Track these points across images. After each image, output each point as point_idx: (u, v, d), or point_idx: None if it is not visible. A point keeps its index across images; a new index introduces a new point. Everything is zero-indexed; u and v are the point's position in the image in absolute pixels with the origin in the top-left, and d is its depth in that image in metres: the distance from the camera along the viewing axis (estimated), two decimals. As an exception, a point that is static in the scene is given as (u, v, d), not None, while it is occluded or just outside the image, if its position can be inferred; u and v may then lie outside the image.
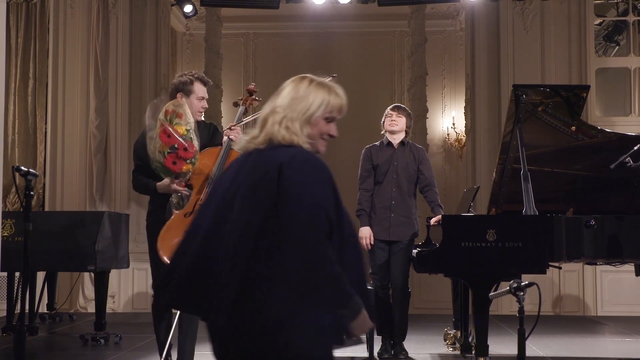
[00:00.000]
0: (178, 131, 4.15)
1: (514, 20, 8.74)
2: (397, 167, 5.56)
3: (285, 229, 2.21)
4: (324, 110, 2.46)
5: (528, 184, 4.72)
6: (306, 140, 2.40)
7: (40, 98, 8.94)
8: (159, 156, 4.16)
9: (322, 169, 2.37)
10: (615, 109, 9.51)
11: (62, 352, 5.96)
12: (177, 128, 4.16)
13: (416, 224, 5.58)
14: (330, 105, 2.49)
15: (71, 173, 8.82)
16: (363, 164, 5.71)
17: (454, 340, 5.75)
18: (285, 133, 2.37)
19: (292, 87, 2.48)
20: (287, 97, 2.44)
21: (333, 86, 2.56)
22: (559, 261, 4.69)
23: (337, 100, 2.53)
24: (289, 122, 2.38)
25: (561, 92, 4.98)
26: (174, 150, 4.13)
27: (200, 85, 4.54)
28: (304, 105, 2.42)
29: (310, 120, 2.43)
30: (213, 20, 9.33)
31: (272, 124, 2.39)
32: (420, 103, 8.99)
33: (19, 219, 6.13)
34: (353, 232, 2.39)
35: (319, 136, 2.48)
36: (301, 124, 2.40)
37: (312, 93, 2.47)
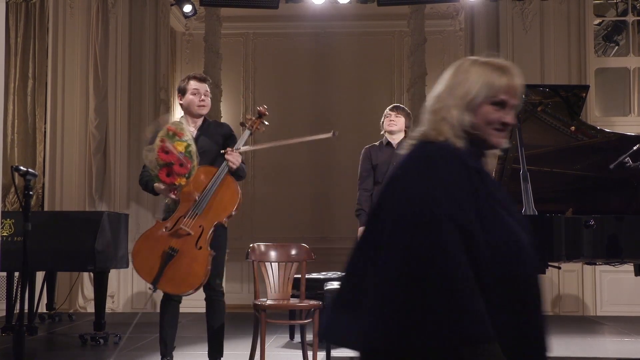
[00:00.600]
0: (177, 148, 4.22)
1: (514, 20, 8.74)
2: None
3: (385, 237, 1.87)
4: (487, 93, 2.00)
5: (527, 184, 4.72)
6: (470, 131, 2.00)
7: (39, 98, 8.94)
8: (154, 167, 4.26)
9: (443, 169, 1.92)
10: (615, 109, 9.50)
11: (62, 352, 5.96)
12: (177, 145, 4.23)
13: None
14: (494, 86, 2.00)
15: (70, 173, 8.82)
16: (362, 164, 5.72)
17: (454, 340, 5.75)
18: (432, 128, 2.02)
19: (452, 69, 2.11)
20: (446, 82, 2.08)
21: (500, 63, 2.06)
22: (558, 261, 4.68)
23: (503, 80, 2.01)
24: (446, 111, 2.01)
25: (560, 92, 4.98)
26: (169, 166, 4.21)
27: (194, 82, 4.62)
28: (463, 89, 2.02)
29: (472, 106, 2.00)
30: (212, 20, 9.33)
31: (428, 116, 2.05)
32: (420, 103, 8.97)
33: (19, 219, 6.13)
34: (515, 251, 1.97)
35: (487, 125, 2.01)
36: (461, 112, 2.00)
37: (473, 74, 2.04)
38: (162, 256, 4.29)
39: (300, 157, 10.24)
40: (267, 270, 4.99)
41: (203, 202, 4.37)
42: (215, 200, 4.39)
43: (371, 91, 10.20)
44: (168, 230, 4.36)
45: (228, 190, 4.42)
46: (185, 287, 4.32)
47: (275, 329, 6.90)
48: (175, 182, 4.26)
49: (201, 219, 4.35)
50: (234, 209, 4.42)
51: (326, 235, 9.95)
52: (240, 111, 10.42)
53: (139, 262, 4.37)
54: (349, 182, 9.84)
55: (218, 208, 4.39)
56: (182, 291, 4.36)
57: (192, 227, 4.32)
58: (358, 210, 5.64)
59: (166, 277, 4.27)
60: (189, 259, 4.29)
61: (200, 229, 4.33)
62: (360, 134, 9.66)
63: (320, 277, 6.41)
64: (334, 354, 5.56)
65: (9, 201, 8.67)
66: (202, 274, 4.29)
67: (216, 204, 4.39)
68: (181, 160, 4.21)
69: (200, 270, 4.29)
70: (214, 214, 4.38)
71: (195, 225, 4.34)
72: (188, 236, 4.31)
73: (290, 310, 5.72)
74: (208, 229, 4.34)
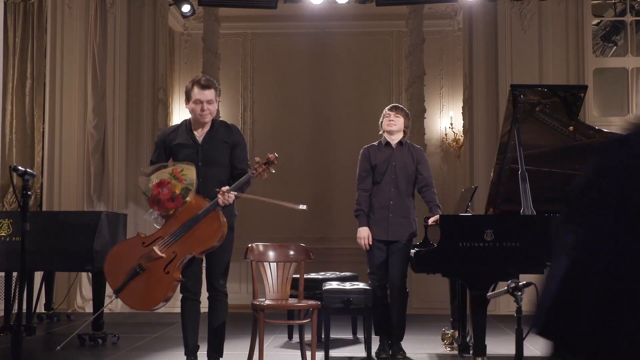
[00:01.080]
0: (172, 188, 4.31)
1: (512, 21, 8.74)
2: (395, 167, 5.55)
3: None
4: None
5: (526, 184, 4.72)
6: None
7: (37, 98, 8.94)
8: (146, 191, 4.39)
9: None
10: (613, 109, 9.52)
11: (60, 352, 5.96)
12: (174, 185, 4.32)
13: (414, 224, 5.58)
14: None
15: (69, 173, 8.82)
16: (361, 164, 5.69)
17: (452, 340, 5.76)
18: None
19: None
20: None
21: None
22: (556, 261, 4.68)
23: None
24: None
25: (559, 92, 4.98)
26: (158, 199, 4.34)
27: (197, 89, 4.56)
28: None
29: None
30: (211, 20, 9.33)
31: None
32: (418, 103, 9.00)
33: (17, 219, 6.12)
34: None
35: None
36: None
37: None
38: (130, 269, 4.38)
39: (299, 157, 10.24)
40: (266, 270, 4.99)
41: (183, 231, 4.40)
42: (196, 232, 4.40)
43: (369, 91, 10.21)
44: (144, 245, 4.42)
45: (211, 225, 4.40)
46: (143, 306, 4.44)
47: (274, 329, 6.90)
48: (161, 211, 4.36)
49: (177, 245, 4.38)
50: (211, 245, 4.41)
51: (325, 235, 9.95)
52: (238, 111, 10.42)
53: (109, 267, 4.46)
54: (348, 182, 9.84)
55: (196, 240, 4.40)
56: (138, 308, 4.47)
57: (165, 252, 4.37)
58: (357, 210, 5.62)
59: (128, 290, 4.37)
60: (153, 280, 4.35)
61: (173, 254, 4.38)
62: (359, 133, 9.67)
63: (319, 277, 6.41)
64: (332, 354, 5.56)
65: (7, 201, 8.66)
66: (160, 297, 4.36)
67: (195, 235, 4.40)
68: (173, 197, 4.29)
69: (159, 294, 4.35)
70: (190, 245, 4.39)
71: (169, 250, 4.38)
72: (158, 259, 4.37)
73: (289, 310, 5.72)
74: (180, 257, 4.38)
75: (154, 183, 4.33)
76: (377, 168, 5.59)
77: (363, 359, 5.55)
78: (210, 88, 4.59)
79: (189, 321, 4.60)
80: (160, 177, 4.34)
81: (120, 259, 4.42)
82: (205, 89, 4.56)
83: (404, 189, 5.54)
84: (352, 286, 5.63)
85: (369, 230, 5.50)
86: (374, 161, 5.60)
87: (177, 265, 4.36)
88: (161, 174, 4.36)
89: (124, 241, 4.55)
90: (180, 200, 4.31)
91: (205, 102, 4.55)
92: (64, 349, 5.68)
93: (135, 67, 8.95)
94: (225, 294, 4.67)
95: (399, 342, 5.56)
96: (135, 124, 8.82)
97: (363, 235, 5.49)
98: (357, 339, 6.48)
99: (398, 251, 5.46)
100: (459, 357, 5.52)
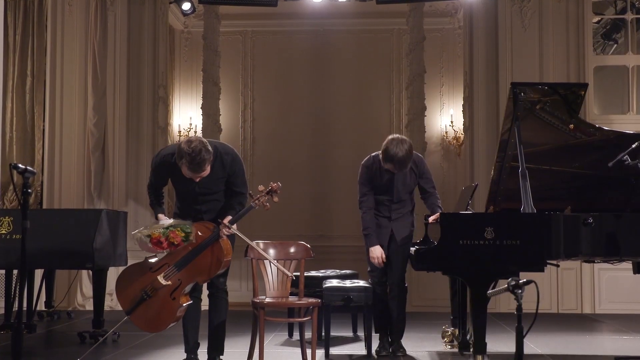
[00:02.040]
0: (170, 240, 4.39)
1: (512, 18, 8.74)
2: (397, 188, 5.47)
3: None
4: None
5: (526, 181, 4.72)
6: None
7: (38, 96, 8.94)
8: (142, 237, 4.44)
9: None
10: (613, 106, 9.51)
11: (60, 349, 5.96)
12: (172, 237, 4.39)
13: (414, 221, 5.59)
14: None
15: (69, 171, 8.82)
16: (363, 184, 5.47)
17: (452, 338, 5.76)
18: None
19: None
20: None
21: None
22: (557, 259, 4.69)
23: None
24: None
25: (559, 90, 4.98)
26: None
27: (188, 171, 4.40)
28: None
29: None
30: (211, 18, 9.32)
31: None
32: (419, 101, 8.99)
33: (17, 217, 6.12)
34: None
35: None
36: None
37: None
38: (138, 294, 4.45)
39: (299, 154, 10.24)
40: (266, 268, 4.99)
41: (187, 261, 4.46)
42: (201, 261, 4.46)
43: (370, 89, 10.20)
44: (152, 271, 4.48)
45: (214, 255, 4.48)
46: (151, 329, 4.54)
47: (274, 327, 6.90)
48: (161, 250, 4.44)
49: (182, 273, 4.46)
50: (215, 273, 4.52)
51: (325, 233, 9.95)
52: (238, 109, 10.42)
53: (119, 288, 4.54)
54: (348, 180, 9.83)
55: (200, 269, 4.48)
56: (148, 331, 4.60)
57: (171, 279, 4.44)
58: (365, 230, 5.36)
59: (138, 313, 4.45)
60: (160, 306, 4.43)
61: (178, 281, 4.45)
62: (359, 131, 9.68)
63: (319, 275, 6.41)
64: (332, 352, 5.56)
65: (8, 199, 8.66)
66: (168, 321, 4.45)
67: (200, 264, 4.47)
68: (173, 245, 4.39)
69: (167, 319, 4.44)
70: (195, 273, 4.48)
71: (175, 277, 4.45)
72: (164, 286, 4.44)
73: (289, 308, 5.72)
74: (185, 284, 4.46)
75: (151, 237, 4.40)
76: (378, 187, 5.51)
77: (363, 356, 5.55)
78: (201, 170, 4.38)
79: (189, 319, 4.64)
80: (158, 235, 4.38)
81: (130, 282, 4.50)
82: (197, 172, 4.40)
83: (406, 198, 5.53)
84: (352, 284, 5.64)
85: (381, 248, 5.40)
86: (375, 181, 5.49)
87: (183, 292, 4.46)
88: (159, 234, 4.39)
89: (133, 264, 4.62)
90: (181, 244, 4.42)
91: (196, 179, 4.48)
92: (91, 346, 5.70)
93: (136, 65, 8.95)
94: (225, 291, 4.69)
95: (399, 340, 5.56)
96: (136, 122, 8.82)
97: (376, 255, 5.38)
98: (358, 337, 6.48)
99: (397, 249, 5.46)
100: (459, 355, 5.52)
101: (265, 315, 4.70)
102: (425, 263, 4.84)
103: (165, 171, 4.60)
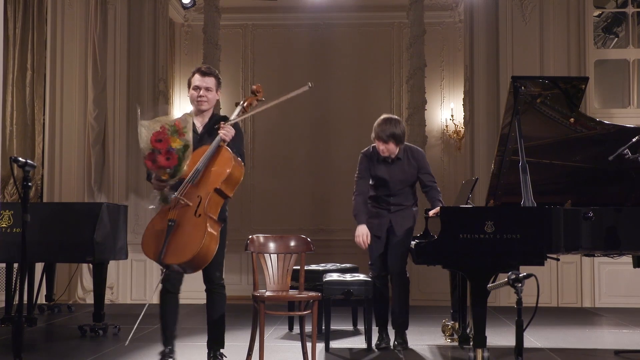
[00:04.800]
0: (171, 142, 4.24)
1: (513, 12, 8.72)
2: (394, 180, 5.50)
3: None
4: None
5: (526, 175, 4.72)
6: None
7: (38, 89, 8.93)
8: (143, 144, 4.33)
9: None
10: (614, 100, 9.50)
11: (61, 343, 5.97)
12: (173, 140, 4.25)
13: (414, 213, 5.59)
14: None
15: (69, 164, 8.82)
16: (359, 170, 5.56)
17: (452, 331, 5.76)
18: None
19: None
20: None
21: None
22: (557, 253, 4.69)
23: None
24: None
25: (560, 84, 4.97)
26: (154, 152, 4.24)
27: (197, 75, 4.64)
28: None
29: None
30: (211, 12, 9.30)
31: None
32: (419, 95, 8.98)
33: (17, 210, 6.13)
34: None
35: None
36: None
37: None
38: (163, 231, 4.29)
39: (300, 149, 10.24)
40: (266, 262, 4.99)
41: (197, 173, 4.38)
42: (210, 169, 4.41)
43: (370, 82, 10.19)
44: (171, 208, 4.35)
45: (222, 158, 4.43)
46: (186, 254, 4.24)
47: (274, 320, 6.91)
48: (156, 170, 4.26)
49: (197, 189, 4.36)
50: (228, 172, 4.39)
51: (325, 227, 9.96)
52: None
53: (146, 245, 4.37)
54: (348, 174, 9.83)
55: (213, 175, 4.40)
56: (184, 259, 4.25)
57: (190, 199, 4.33)
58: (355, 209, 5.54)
59: (169, 250, 4.25)
60: (189, 227, 4.28)
61: (198, 198, 4.34)
62: (359, 125, 9.65)
63: (319, 268, 6.42)
64: (332, 345, 5.57)
65: (8, 192, 8.66)
66: (200, 237, 4.24)
67: (211, 172, 4.41)
68: (169, 154, 4.22)
69: (198, 235, 4.25)
70: (210, 181, 4.39)
71: (193, 195, 4.34)
72: (187, 207, 4.32)
73: (289, 301, 5.73)
74: (206, 197, 4.34)
75: (152, 131, 4.26)
76: (376, 179, 5.54)
77: (363, 350, 5.56)
78: (211, 76, 4.64)
79: (169, 312, 4.62)
80: (162, 126, 4.27)
81: (154, 230, 4.35)
82: (206, 76, 4.62)
83: (404, 192, 5.54)
84: (352, 278, 5.64)
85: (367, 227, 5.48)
86: (372, 172, 5.53)
87: (206, 206, 4.32)
88: (162, 124, 4.29)
89: (150, 222, 4.46)
90: (175, 160, 4.23)
91: (204, 88, 4.60)
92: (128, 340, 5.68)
93: (136, 58, 8.94)
94: (222, 286, 4.68)
95: (403, 331, 5.55)
96: (136, 115, 8.80)
97: (360, 234, 5.45)
98: (358, 330, 6.49)
99: (397, 240, 5.47)
100: (459, 349, 5.53)
101: (265, 309, 4.70)
102: (425, 257, 4.83)
103: None
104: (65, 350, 5.57)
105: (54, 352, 5.57)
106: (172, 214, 4.30)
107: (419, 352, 5.47)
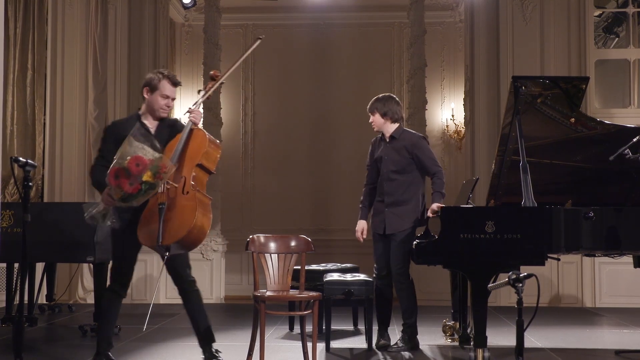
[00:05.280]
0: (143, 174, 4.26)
1: (514, 12, 8.72)
2: (387, 161, 5.54)
3: None
4: None
5: (527, 175, 4.72)
6: None
7: (38, 89, 8.93)
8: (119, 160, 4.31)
9: None
10: (615, 100, 9.50)
11: (61, 342, 5.97)
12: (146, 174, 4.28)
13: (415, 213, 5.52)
14: None
15: (70, 164, 8.82)
16: (368, 157, 5.76)
17: (453, 331, 5.76)
18: None
19: None
20: None
21: None
22: (557, 253, 4.69)
23: None
24: None
25: (560, 84, 4.97)
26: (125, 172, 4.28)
27: (167, 84, 4.67)
28: None
29: None
30: (212, 12, 9.30)
31: None
32: (420, 95, 8.98)
33: (18, 210, 6.13)
34: None
35: None
36: None
37: None
38: (156, 216, 4.37)
39: (300, 148, 10.24)
40: (267, 262, 4.99)
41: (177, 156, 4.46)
42: (188, 149, 4.52)
43: (370, 82, 10.18)
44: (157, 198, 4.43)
45: (197, 138, 4.55)
46: (183, 228, 4.32)
47: (275, 320, 6.91)
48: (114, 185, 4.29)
49: (180, 170, 4.46)
50: (206, 147, 4.53)
51: (325, 227, 9.96)
52: (239, 103, 10.41)
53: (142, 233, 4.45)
54: (348, 173, 9.84)
55: (192, 153, 4.51)
56: (182, 234, 4.31)
57: (175, 181, 4.42)
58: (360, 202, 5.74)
59: (166, 231, 4.32)
60: (180, 205, 4.39)
61: (182, 179, 4.45)
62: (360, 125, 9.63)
63: (320, 268, 6.41)
64: (333, 345, 5.57)
65: (9, 192, 8.66)
66: (192, 210, 4.34)
67: (189, 152, 4.51)
68: (135, 181, 4.25)
69: (190, 208, 4.35)
70: (190, 159, 4.50)
71: (177, 177, 4.44)
72: (174, 188, 4.42)
73: (290, 301, 5.73)
74: (189, 175, 4.46)
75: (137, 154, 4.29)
76: (376, 163, 5.61)
77: (364, 350, 5.56)
78: (178, 86, 4.75)
79: (112, 314, 4.71)
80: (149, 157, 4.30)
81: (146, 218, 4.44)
82: (176, 86, 4.71)
83: (400, 181, 5.51)
84: (353, 277, 5.64)
85: (366, 223, 5.67)
86: (375, 155, 5.64)
87: (192, 183, 4.43)
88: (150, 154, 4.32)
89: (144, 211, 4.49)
90: (134, 190, 4.26)
91: (172, 99, 4.69)
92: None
93: (136, 58, 8.94)
94: (194, 281, 4.71)
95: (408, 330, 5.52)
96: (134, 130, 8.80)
97: (358, 228, 5.66)
98: (358, 330, 6.49)
99: (398, 241, 5.46)
100: (459, 349, 5.53)
101: (266, 309, 4.70)
102: (425, 257, 4.84)
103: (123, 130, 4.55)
104: (66, 350, 5.57)
105: (55, 352, 5.56)
106: (162, 197, 4.38)
107: (420, 352, 5.47)
